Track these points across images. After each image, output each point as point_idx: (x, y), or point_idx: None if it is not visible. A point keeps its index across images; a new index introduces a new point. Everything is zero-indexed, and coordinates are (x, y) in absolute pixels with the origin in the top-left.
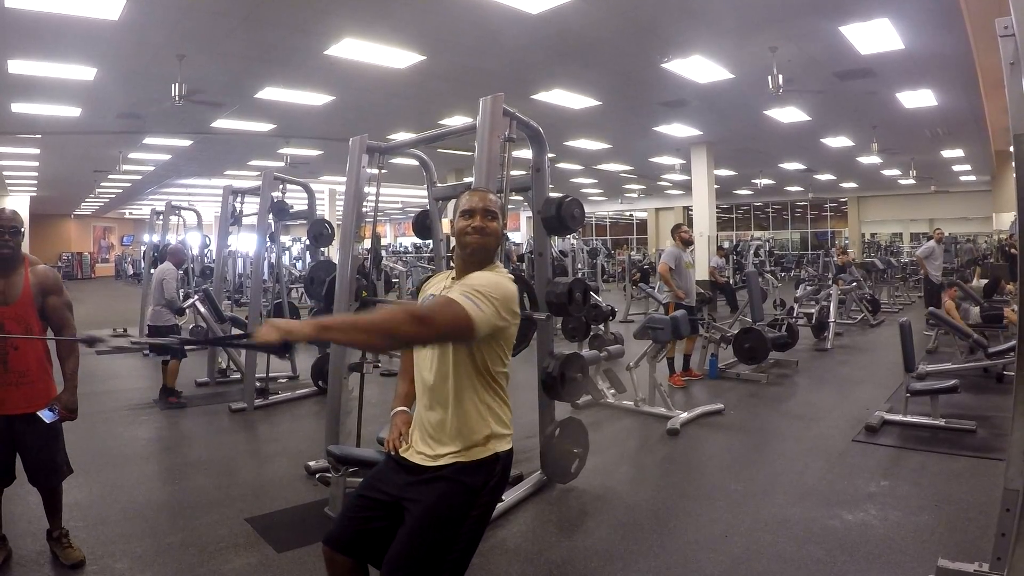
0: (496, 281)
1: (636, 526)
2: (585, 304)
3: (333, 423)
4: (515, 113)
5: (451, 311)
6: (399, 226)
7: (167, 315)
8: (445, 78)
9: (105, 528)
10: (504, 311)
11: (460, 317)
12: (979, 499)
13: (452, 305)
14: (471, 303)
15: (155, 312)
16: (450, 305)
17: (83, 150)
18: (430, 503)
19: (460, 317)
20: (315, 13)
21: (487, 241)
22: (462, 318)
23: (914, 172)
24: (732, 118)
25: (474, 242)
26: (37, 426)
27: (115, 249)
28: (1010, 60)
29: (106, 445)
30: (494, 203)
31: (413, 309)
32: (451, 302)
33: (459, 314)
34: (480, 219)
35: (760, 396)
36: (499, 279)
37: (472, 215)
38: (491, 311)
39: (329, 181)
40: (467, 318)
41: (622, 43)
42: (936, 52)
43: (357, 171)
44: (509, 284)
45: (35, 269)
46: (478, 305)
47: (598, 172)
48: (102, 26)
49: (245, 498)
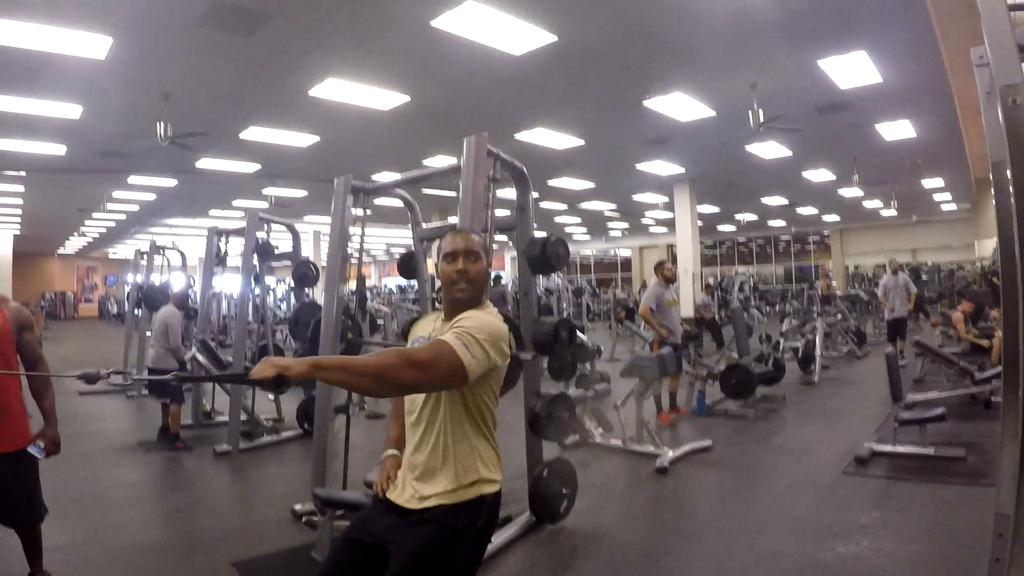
0: (486, 321)
1: (627, 565)
2: (571, 343)
3: (319, 466)
4: (499, 153)
5: (448, 360)
6: (384, 267)
7: (170, 359)
8: (429, 118)
9: (88, 571)
10: (495, 353)
11: (456, 365)
12: (971, 526)
13: (447, 351)
14: (465, 350)
15: (158, 355)
16: (445, 351)
17: (68, 188)
18: (415, 546)
19: (456, 365)
20: (299, 53)
21: (474, 287)
22: (457, 366)
23: (895, 203)
24: (714, 154)
25: (461, 291)
26: (20, 464)
27: (99, 289)
28: (986, 89)
29: (89, 487)
30: (476, 243)
31: (410, 354)
32: (446, 348)
33: (455, 363)
34: (463, 262)
35: (748, 431)
36: (490, 320)
37: (455, 258)
38: (483, 356)
39: (314, 222)
40: (461, 366)
41: (604, 82)
42: (913, 83)
43: (342, 212)
44: (500, 325)
45: (8, 306)
46: (471, 351)
47: (582, 211)
48: (89, 65)
49: (231, 541)
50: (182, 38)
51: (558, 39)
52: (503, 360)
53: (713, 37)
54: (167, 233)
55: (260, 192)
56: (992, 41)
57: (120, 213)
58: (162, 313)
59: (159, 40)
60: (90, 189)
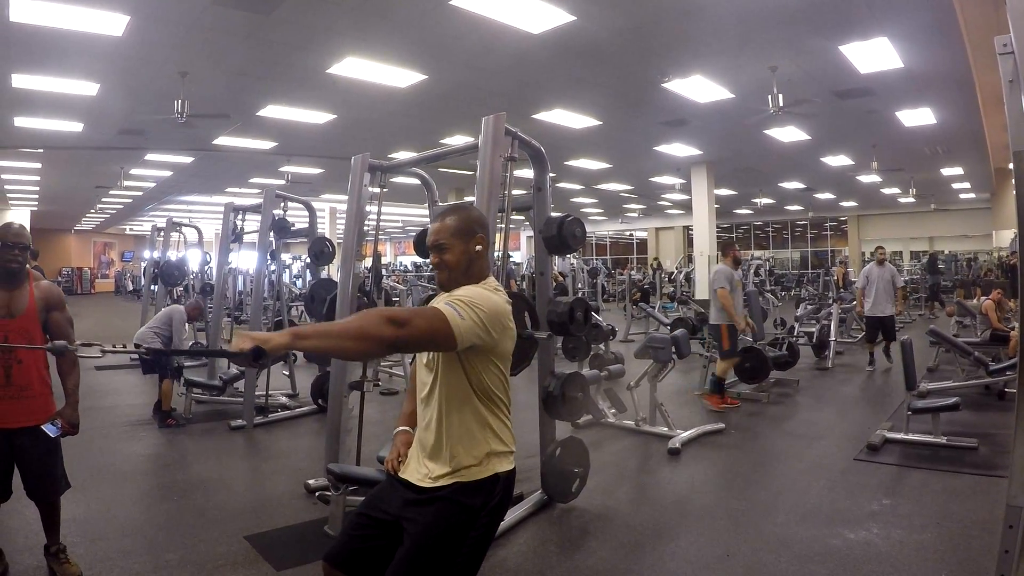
0: (482, 294)
1: (637, 545)
2: (586, 323)
3: (333, 441)
4: (517, 132)
5: (428, 313)
6: (399, 245)
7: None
8: (447, 97)
9: (103, 544)
10: (489, 323)
11: (438, 319)
12: (982, 516)
13: (431, 309)
14: (451, 309)
15: (142, 334)
16: (429, 311)
17: (85, 165)
18: (428, 524)
19: (438, 319)
20: (317, 32)
21: (451, 273)
22: (439, 320)
23: (914, 190)
24: (732, 137)
25: (441, 279)
26: (39, 440)
27: (115, 265)
28: (1009, 78)
29: (105, 461)
30: (445, 231)
31: (387, 311)
32: (430, 309)
33: (437, 316)
34: (434, 255)
35: (761, 415)
36: (486, 292)
37: (431, 250)
38: (473, 319)
39: (330, 199)
40: (445, 321)
41: (623, 63)
42: (935, 70)
43: (359, 189)
44: (496, 297)
45: (39, 284)
46: (459, 312)
47: (598, 191)
48: (106, 42)
49: (244, 516)
50: (199, 16)
51: (577, 19)
52: (502, 334)
53: (734, 20)
54: (184, 210)
55: (277, 170)
56: (1017, 29)
57: (137, 190)
58: (172, 308)
59: (176, 18)
60: (107, 166)
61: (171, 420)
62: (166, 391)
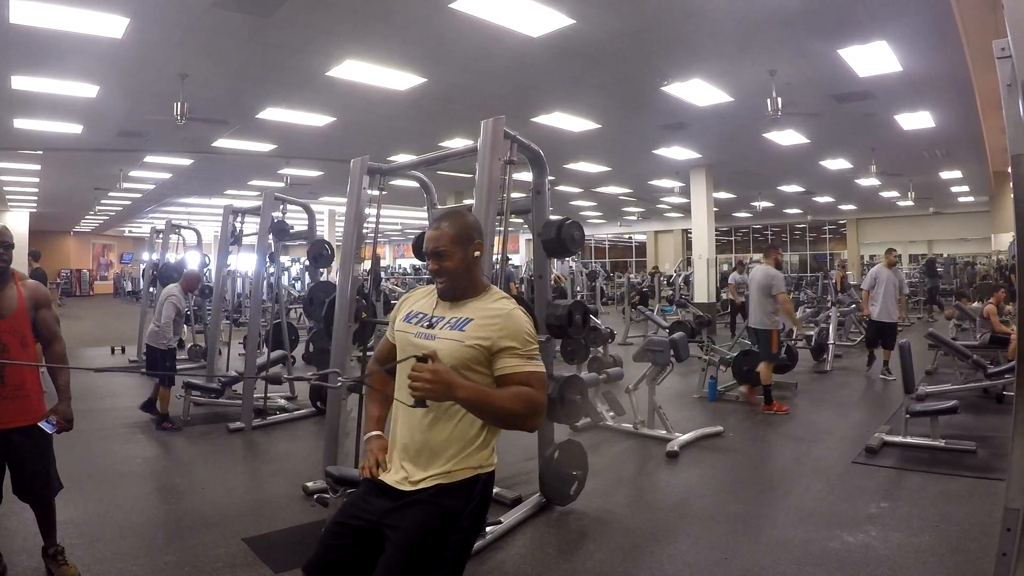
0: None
1: (636, 548)
2: (585, 326)
3: (331, 444)
4: (516, 136)
5: (541, 383)
6: (398, 248)
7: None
8: (446, 100)
9: (101, 546)
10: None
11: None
12: (980, 519)
13: (538, 379)
14: (540, 364)
15: (153, 332)
16: (537, 379)
17: (84, 167)
18: (410, 529)
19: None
20: (317, 34)
21: (452, 279)
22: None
23: (912, 194)
24: (731, 141)
25: (441, 284)
26: (34, 439)
27: (114, 267)
28: (1007, 82)
29: (103, 463)
30: (445, 238)
31: (540, 403)
32: (537, 374)
33: (542, 382)
34: (433, 262)
35: (759, 418)
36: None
37: (430, 257)
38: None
39: (329, 202)
40: (543, 381)
41: (622, 66)
42: (934, 74)
43: (358, 192)
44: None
45: (25, 283)
46: (539, 359)
47: (597, 195)
48: (106, 44)
49: (243, 518)
50: (199, 18)
51: (576, 22)
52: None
53: (733, 23)
54: (183, 212)
55: (276, 172)
56: (1015, 33)
57: (136, 192)
58: (165, 289)
59: (176, 20)
60: (106, 168)
61: (167, 424)
62: (163, 397)
